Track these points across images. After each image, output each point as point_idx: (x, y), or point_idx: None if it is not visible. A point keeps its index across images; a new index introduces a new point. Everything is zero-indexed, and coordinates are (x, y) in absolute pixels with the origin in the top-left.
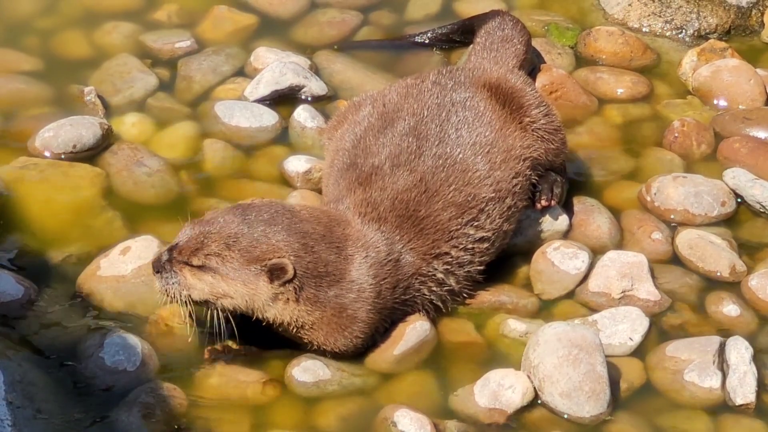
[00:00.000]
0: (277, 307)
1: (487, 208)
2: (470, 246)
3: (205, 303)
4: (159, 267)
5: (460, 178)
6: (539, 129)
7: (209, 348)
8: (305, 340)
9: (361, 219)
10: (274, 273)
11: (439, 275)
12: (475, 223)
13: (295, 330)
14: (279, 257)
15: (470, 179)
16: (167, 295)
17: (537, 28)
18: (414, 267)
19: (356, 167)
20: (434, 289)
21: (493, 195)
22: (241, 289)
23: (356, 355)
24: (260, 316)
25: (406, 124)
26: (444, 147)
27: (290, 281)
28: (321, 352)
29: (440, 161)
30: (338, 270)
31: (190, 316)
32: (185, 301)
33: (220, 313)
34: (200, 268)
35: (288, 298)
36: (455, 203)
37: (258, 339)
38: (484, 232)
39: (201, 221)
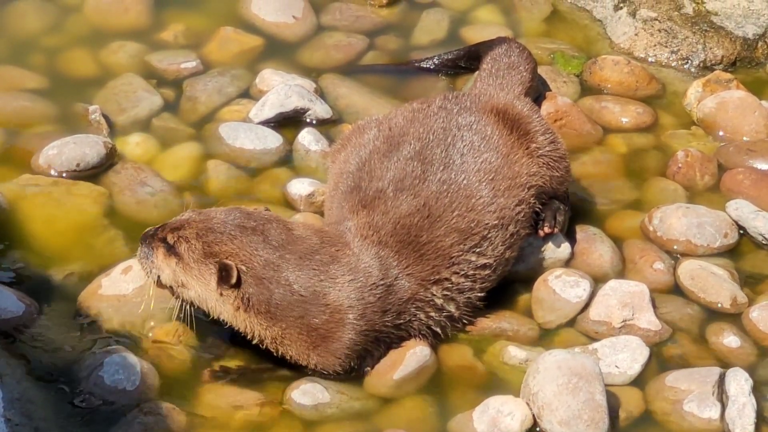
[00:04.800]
0: (227, 311)
1: (489, 235)
2: (471, 272)
3: (171, 290)
4: (144, 238)
5: (464, 204)
6: (545, 156)
7: (209, 369)
8: (279, 355)
9: (360, 242)
10: (222, 274)
11: (438, 301)
12: (477, 250)
13: (265, 344)
14: (229, 260)
15: (474, 205)
16: (142, 268)
17: (543, 55)
18: (410, 292)
19: (360, 190)
20: (432, 314)
21: (496, 222)
22: (194, 281)
23: (349, 375)
24: (216, 318)
25: (411, 148)
26: (449, 172)
27: (234, 287)
28: (318, 373)
29: (444, 186)
30: (309, 291)
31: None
32: (154, 281)
33: (185, 305)
34: (170, 250)
35: (238, 306)
36: (458, 229)
37: (257, 360)
38: (486, 258)
39: (199, 210)
